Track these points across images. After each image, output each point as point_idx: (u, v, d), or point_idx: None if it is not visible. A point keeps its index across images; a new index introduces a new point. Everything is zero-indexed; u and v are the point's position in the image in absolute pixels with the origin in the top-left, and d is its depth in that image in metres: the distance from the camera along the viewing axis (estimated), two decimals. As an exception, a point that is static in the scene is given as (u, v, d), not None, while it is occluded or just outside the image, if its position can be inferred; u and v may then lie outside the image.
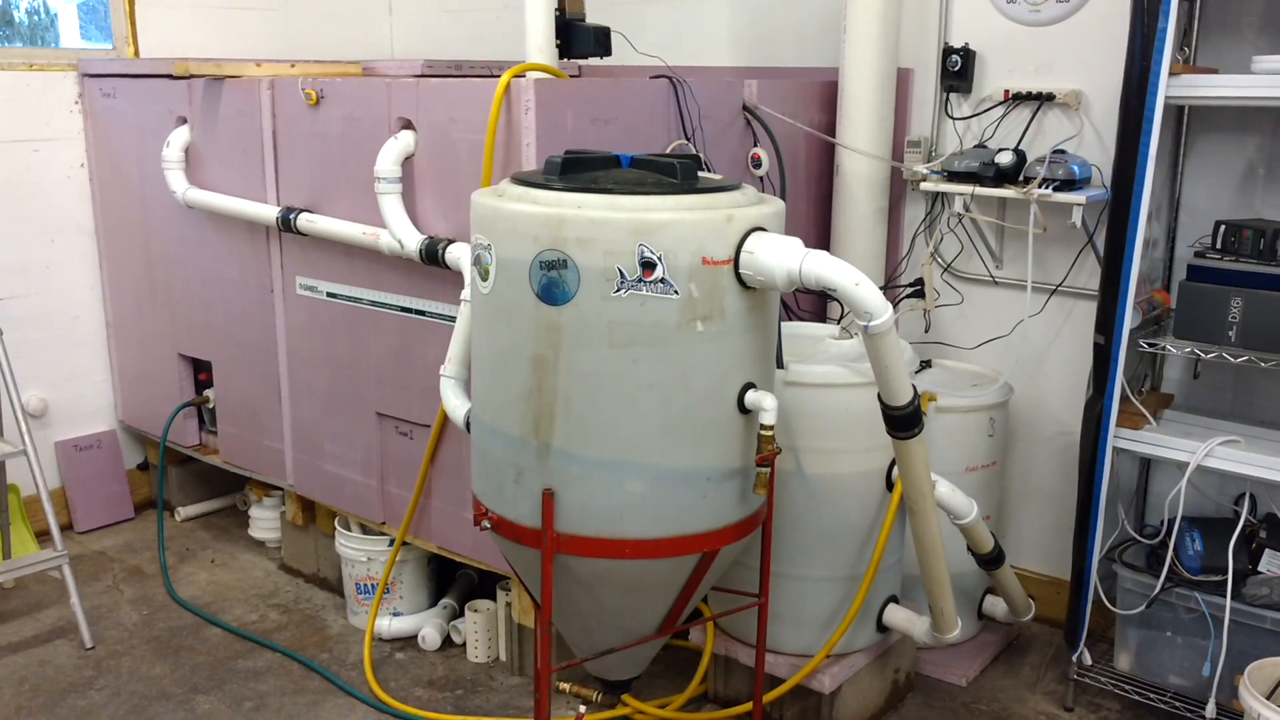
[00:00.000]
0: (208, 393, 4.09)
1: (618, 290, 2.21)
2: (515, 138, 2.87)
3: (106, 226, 4.28)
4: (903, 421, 2.42)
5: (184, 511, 4.45)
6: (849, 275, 2.23)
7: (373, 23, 5.13)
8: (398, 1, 5.15)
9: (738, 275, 2.28)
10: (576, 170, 2.36)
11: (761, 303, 2.36)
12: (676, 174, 2.32)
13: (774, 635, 2.99)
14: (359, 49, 4.99)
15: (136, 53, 4.35)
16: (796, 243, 2.27)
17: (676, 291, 2.22)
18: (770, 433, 2.34)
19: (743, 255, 2.26)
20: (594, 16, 3.51)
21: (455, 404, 2.83)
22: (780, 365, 2.87)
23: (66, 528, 4.32)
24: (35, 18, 4.50)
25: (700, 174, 2.42)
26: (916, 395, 2.40)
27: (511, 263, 2.28)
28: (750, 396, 2.35)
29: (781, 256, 2.24)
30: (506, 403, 2.36)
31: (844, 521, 2.92)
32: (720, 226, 2.24)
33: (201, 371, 4.12)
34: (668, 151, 3.16)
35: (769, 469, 2.36)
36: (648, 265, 2.20)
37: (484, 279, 2.36)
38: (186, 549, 4.21)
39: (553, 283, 2.23)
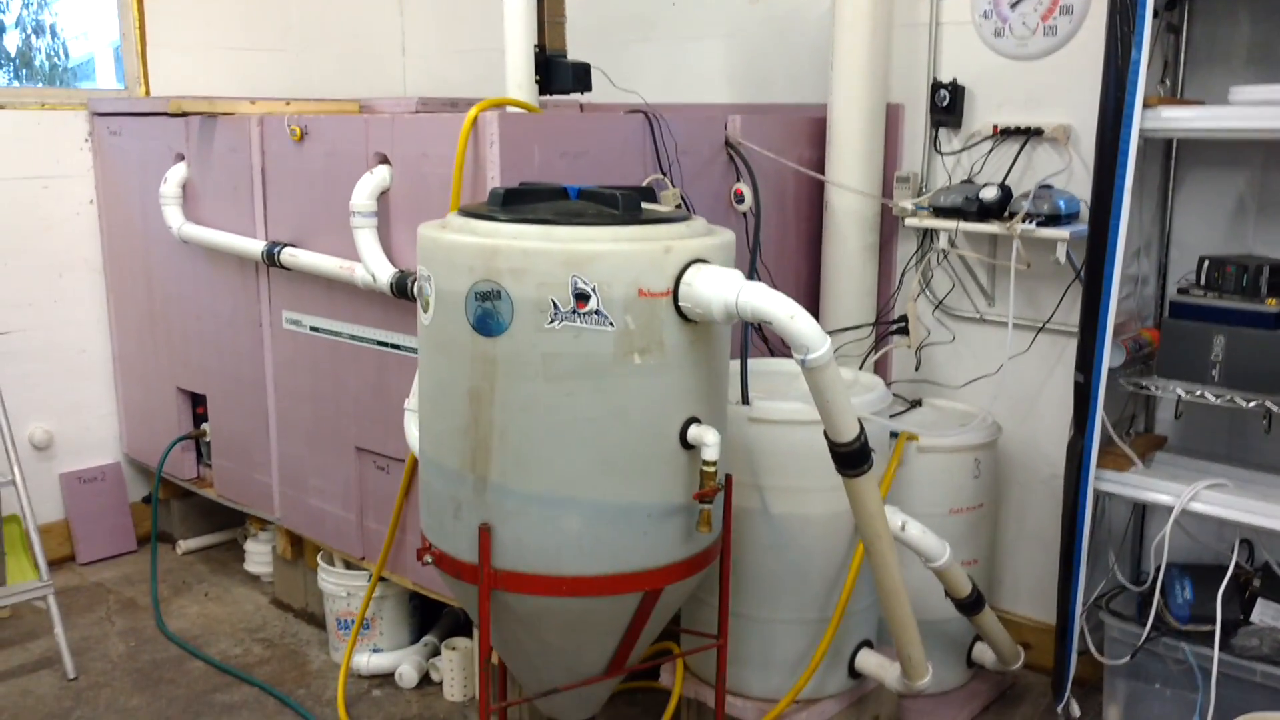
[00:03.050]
0: (204, 426, 4.12)
1: (551, 322, 2.18)
2: (482, 171, 2.87)
3: (113, 261, 4.36)
4: (850, 458, 2.36)
5: (185, 544, 4.48)
6: (785, 308, 2.18)
7: (386, 63, 5.20)
8: (410, 42, 5.22)
9: (677, 308, 2.24)
10: (520, 201, 2.35)
11: (705, 336, 2.31)
12: (618, 205, 2.29)
13: (741, 678, 2.92)
14: (372, 89, 5.06)
15: (148, 92, 4.45)
16: (736, 275, 2.23)
17: (612, 324, 2.19)
18: (712, 469, 2.28)
19: (681, 287, 2.23)
20: (589, 56, 3.50)
21: (416, 438, 2.81)
22: (745, 401, 2.83)
23: (69, 559, 4.37)
24: (54, 59, 4.63)
25: (645, 205, 2.39)
26: (863, 430, 2.34)
27: (449, 294, 2.26)
28: (692, 431, 2.30)
29: (718, 288, 2.20)
30: (445, 435, 2.33)
31: (811, 562, 2.84)
32: (658, 258, 2.21)
33: (199, 405, 4.15)
34: (643, 185, 3.14)
35: (710, 506, 2.30)
36: (581, 297, 2.17)
37: (425, 310, 2.34)
38: (183, 582, 4.23)
39: (487, 314, 2.21)
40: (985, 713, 3.35)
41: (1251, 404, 2.72)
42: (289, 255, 3.41)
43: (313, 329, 3.49)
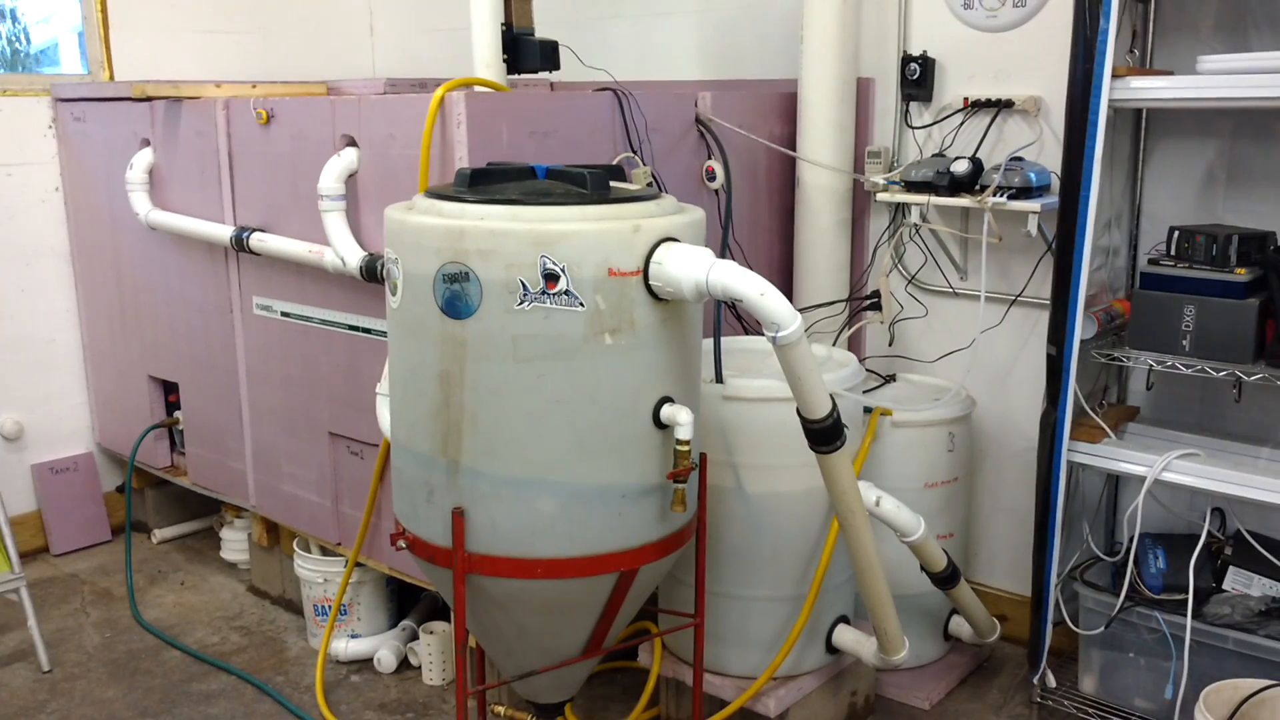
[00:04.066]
0: (177, 414, 4.09)
1: (520, 303, 2.17)
2: (449, 152, 2.84)
3: (80, 249, 4.31)
4: (823, 435, 2.35)
5: (160, 534, 4.45)
6: (754, 285, 2.17)
7: (354, 44, 5.15)
8: (379, 22, 5.16)
9: (648, 287, 2.23)
10: (487, 182, 2.33)
11: (677, 315, 2.30)
12: (586, 184, 2.27)
13: (719, 657, 2.92)
14: (341, 71, 5.00)
15: (111, 77, 4.38)
16: (706, 253, 2.22)
17: (582, 304, 2.17)
18: (686, 448, 2.28)
19: (652, 266, 2.21)
20: (557, 34, 3.48)
21: (388, 423, 2.79)
22: (719, 380, 2.82)
23: (43, 550, 4.34)
24: (16, 45, 4.55)
25: (615, 184, 2.38)
26: (835, 406, 2.33)
27: (416, 276, 2.24)
28: (665, 411, 2.29)
29: (688, 267, 2.19)
30: (417, 420, 2.32)
31: (786, 539, 2.84)
32: (627, 237, 2.19)
33: (171, 393, 4.12)
34: (613, 164, 3.11)
35: (684, 486, 2.30)
36: (550, 277, 2.16)
37: (393, 293, 2.32)
38: (159, 571, 4.20)
39: (455, 296, 2.19)
40: (962, 685, 3.37)
41: (1222, 373, 2.73)
42: (258, 240, 3.37)
43: (284, 314, 3.46)
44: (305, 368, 3.42)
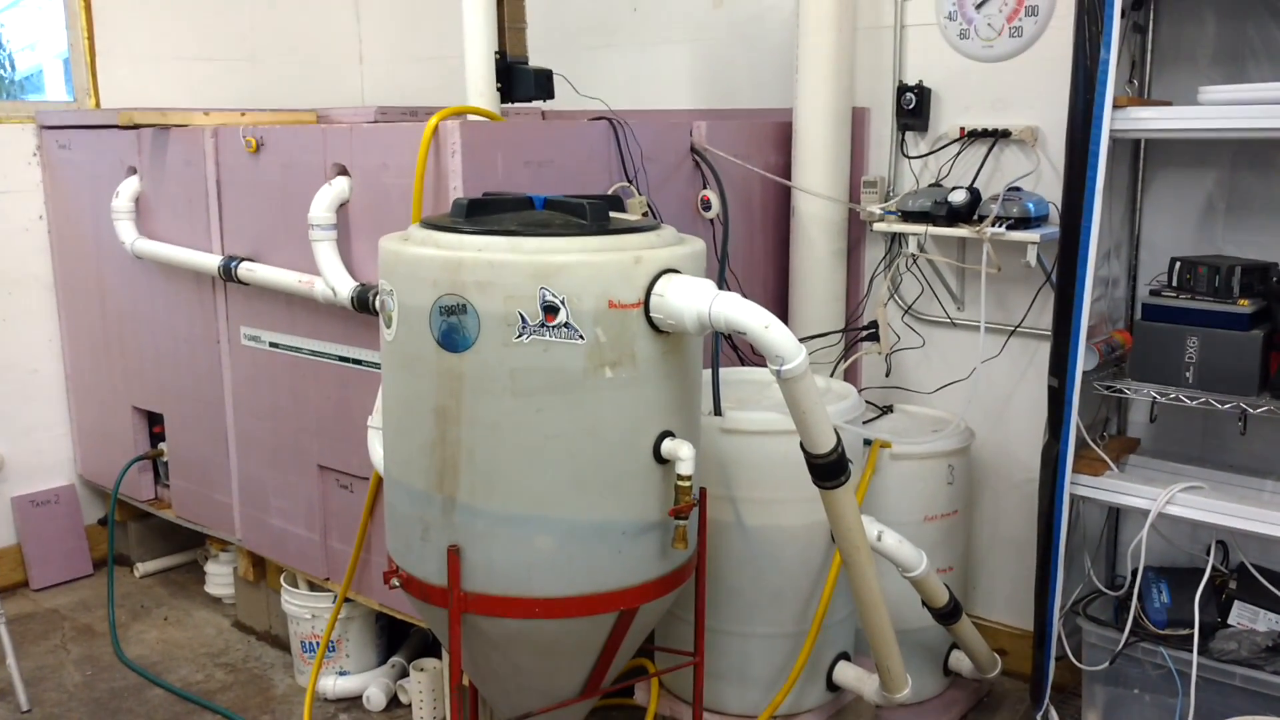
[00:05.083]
0: (162, 445, 4.02)
1: (519, 336, 2.12)
2: (444, 182, 2.80)
3: (64, 278, 4.24)
4: (827, 470, 2.31)
5: (143, 567, 4.36)
6: (759, 318, 2.13)
7: (343, 72, 5.11)
8: (368, 50, 5.14)
9: (649, 319, 2.18)
10: (484, 212, 2.29)
11: (678, 347, 2.26)
12: (586, 215, 2.23)
13: (718, 695, 2.87)
14: (329, 99, 4.97)
15: (98, 104, 4.33)
16: (708, 285, 2.18)
17: (582, 337, 2.13)
18: (687, 483, 2.23)
19: (653, 298, 2.17)
20: (551, 63, 3.45)
21: (380, 456, 2.73)
22: (718, 412, 2.78)
23: (22, 585, 4.25)
24: (0, 71, 4.50)
25: (614, 215, 2.34)
26: (839, 441, 2.29)
27: (412, 308, 2.20)
28: (666, 445, 2.24)
29: (691, 299, 2.15)
30: (411, 455, 2.26)
31: (787, 575, 2.79)
32: (627, 269, 2.15)
33: (156, 424, 4.05)
34: (609, 194, 3.08)
35: (685, 522, 2.25)
36: (550, 309, 2.11)
37: (388, 326, 2.27)
38: (141, 606, 4.12)
39: (452, 329, 2.15)
40: (963, 721, 3.32)
41: (1227, 406, 2.70)
42: (246, 270, 3.32)
43: (272, 345, 3.40)
44: (294, 399, 3.36)
